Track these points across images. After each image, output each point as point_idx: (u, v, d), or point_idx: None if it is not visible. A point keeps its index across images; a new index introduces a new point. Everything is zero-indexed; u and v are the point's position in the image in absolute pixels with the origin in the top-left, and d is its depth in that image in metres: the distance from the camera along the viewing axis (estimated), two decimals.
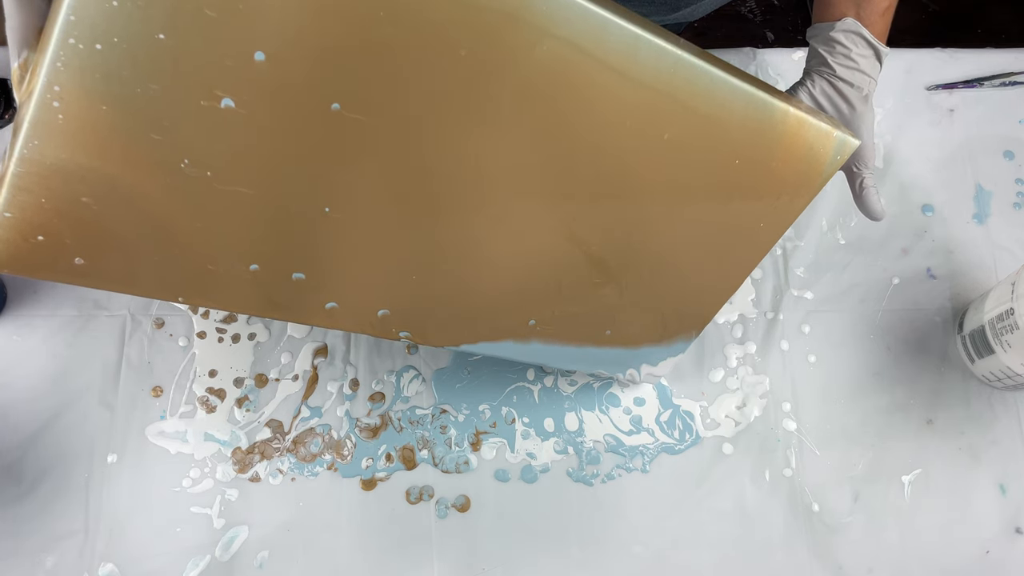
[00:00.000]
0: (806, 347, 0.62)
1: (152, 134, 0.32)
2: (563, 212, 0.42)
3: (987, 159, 0.68)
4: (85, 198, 0.33)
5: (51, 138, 0.31)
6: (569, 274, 0.46)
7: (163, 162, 0.33)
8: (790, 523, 0.58)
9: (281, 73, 0.32)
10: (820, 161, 0.45)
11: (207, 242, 0.36)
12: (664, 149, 0.41)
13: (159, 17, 0.30)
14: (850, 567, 0.57)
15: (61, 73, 0.30)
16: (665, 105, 0.39)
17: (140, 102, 0.31)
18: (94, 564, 0.54)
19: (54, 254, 0.34)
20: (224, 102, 0.32)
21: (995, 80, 0.70)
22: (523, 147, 0.39)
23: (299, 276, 0.39)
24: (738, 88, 0.40)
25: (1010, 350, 0.54)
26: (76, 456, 0.56)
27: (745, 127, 0.42)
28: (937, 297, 0.64)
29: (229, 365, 0.59)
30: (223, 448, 0.57)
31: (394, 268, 0.42)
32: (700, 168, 0.43)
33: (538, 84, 0.36)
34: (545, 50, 0.35)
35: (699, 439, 0.59)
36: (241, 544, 0.55)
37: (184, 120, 0.32)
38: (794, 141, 0.43)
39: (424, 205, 0.39)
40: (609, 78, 0.37)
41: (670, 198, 0.44)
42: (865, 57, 0.49)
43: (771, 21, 1.52)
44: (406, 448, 0.58)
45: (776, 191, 0.45)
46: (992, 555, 0.57)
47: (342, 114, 0.34)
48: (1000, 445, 0.60)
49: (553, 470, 0.58)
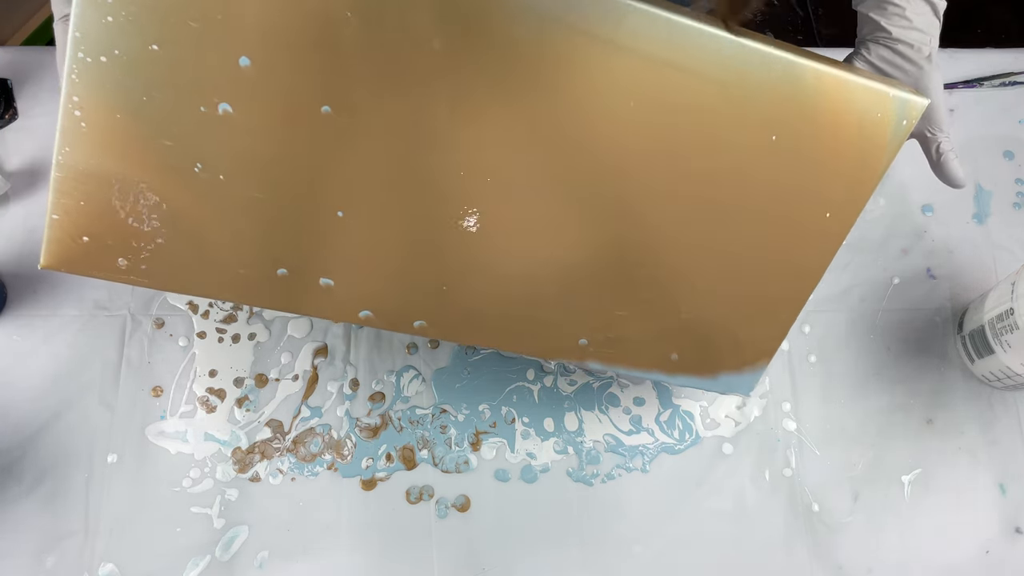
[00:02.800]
0: (806, 347, 0.62)
1: (164, 140, 0.34)
2: (585, 206, 0.39)
3: (987, 159, 0.68)
4: (116, 203, 0.35)
5: (79, 145, 0.33)
6: (611, 282, 0.42)
7: (178, 167, 0.35)
8: (790, 523, 0.58)
9: (268, 78, 0.34)
10: (882, 127, 0.39)
11: (234, 246, 0.37)
12: (682, 126, 0.37)
13: (149, 30, 0.32)
14: (850, 567, 0.57)
15: (77, 84, 0.32)
16: (673, 76, 0.36)
17: (148, 110, 0.33)
18: (94, 564, 0.54)
19: (99, 254, 0.36)
20: (222, 107, 0.34)
21: (995, 80, 0.70)
22: (523, 139, 0.37)
23: (327, 282, 0.39)
24: (753, 50, 0.36)
25: (1010, 350, 0.54)
26: (76, 456, 0.56)
27: (773, 95, 0.37)
28: (937, 297, 0.64)
29: (229, 365, 0.59)
30: (223, 448, 0.57)
31: (422, 276, 0.40)
32: (732, 149, 0.38)
33: (523, 63, 0.35)
34: (523, 29, 0.34)
35: (699, 439, 0.59)
36: (241, 544, 0.55)
37: (189, 126, 0.34)
38: (840, 107, 0.38)
39: (435, 205, 0.38)
40: (601, 52, 0.35)
41: (705, 189, 0.39)
42: (921, 14, 0.45)
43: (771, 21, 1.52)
44: (406, 448, 0.58)
45: (834, 170, 0.40)
46: (992, 555, 0.57)
47: (333, 116, 0.35)
48: (1000, 445, 0.60)
49: (553, 470, 0.58)
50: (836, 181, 0.40)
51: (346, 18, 0.33)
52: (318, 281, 0.39)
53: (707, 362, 0.47)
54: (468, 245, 0.40)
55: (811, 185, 0.40)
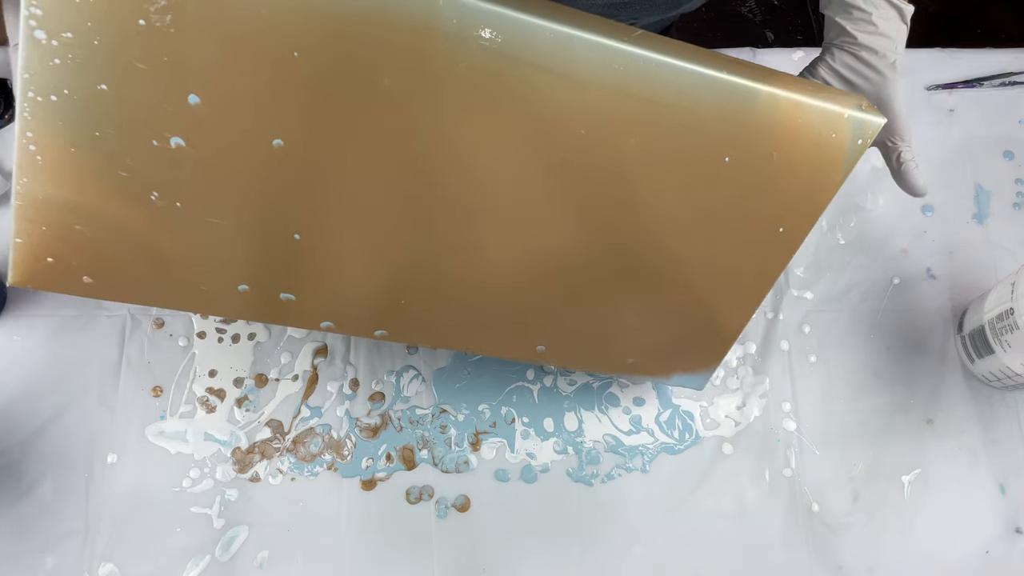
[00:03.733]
0: (806, 347, 0.62)
1: (119, 171, 0.35)
2: (540, 226, 0.41)
3: (987, 159, 0.68)
4: (78, 226, 0.36)
5: (36, 176, 0.34)
6: (567, 296, 0.44)
7: (135, 195, 0.36)
8: (790, 523, 0.58)
9: (218, 114, 0.34)
10: (837, 146, 0.39)
11: (194, 267, 0.38)
12: (639, 151, 0.38)
13: (96, 72, 0.32)
14: (850, 567, 0.57)
15: (30, 122, 0.33)
16: (625, 103, 0.36)
17: (101, 144, 0.34)
18: (94, 564, 0.54)
19: (64, 273, 0.37)
20: (174, 141, 0.34)
21: (995, 80, 0.70)
22: (476, 165, 0.38)
23: (288, 296, 0.41)
24: (705, 76, 0.36)
25: (1010, 350, 0.54)
26: (76, 456, 0.56)
27: (726, 118, 0.38)
28: (937, 297, 0.64)
29: (229, 365, 0.59)
30: (223, 448, 0.57)
31: (379, 291, 0.42)
32: (684, 171, 0.39)
33: (477, 98, 0.35)
34: (468, 65, 0.34)
35: (699, 439, 0.59)
36: (241, 544, 0.55)
37: (143, 159, 0.35)
38: (795, 128, 0.38)
39: (389, 227, 0.40)
40: (549, 82, 0.35)
41: (657, 210, 0.41)
42: (888, 20, 0.45)
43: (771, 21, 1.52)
44: (406, 448, 0.58)
45: (788, 188, 0.41)
46: (992, 555, 0.57)
47: (285, 149, 0.36)
48: (1000, 445, 0.60)
49: (553, 470, 0.58)
50: (790, 198, 0.41)
51: (292, 59, 0.33)
52: (278, 296, 0.41)
53: (661, 366, 0.50)
54: (424, 262, 0.41)
55: (764, 203, 0.41)
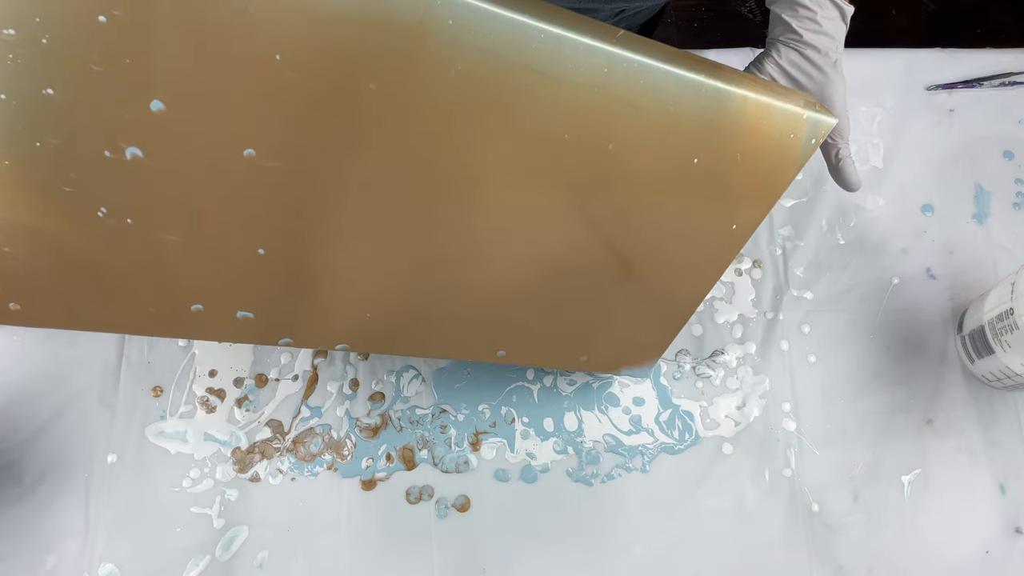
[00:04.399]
0: (806, 347, 0.62)
1: (62, 186, 0.31)
2: (517, 236, 0.40)
3: (987, 159, 0.68)
4: (7, 249, 0.32)
5: None
6: (529, 302, 0.44)
7: (80, 213, 0.32)
8: (790, 523, 0.58)
9: (184, 122, 0.31)
10: (793, 147, 0.40)
11: (143, 288, 0.35)
12: (616, 156, 0.38)
13: (42, 74, 0.28)
14: (850, 567, 0.57)
15: None
16: (608, 106, 0.36)
17: (42, 156, 0.30)
18: (94, 564, 0.54)
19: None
20: (130, 151, 0.31)
21: (995, 80, 0.70)
22: (459, 177, 0.36)
23: (245, 315, 0.38)
24: (685, 80, 0.36)
25: (1010, 350, 0.54)
26: (76, 456, 0.56)
27: (700, 121, 0.37)
28: (937, 297, 0.64)
29: (229, 365, 0.59)
30: (223, 448, 0.57)
31: (345, 306, 0.40)
32: (657, 175, 0.39)
33: (466, 106, 0.33)
34: (461, 69, 0.32)
35: (699, 439, 0.59)
36: (241, 544, 0.55)
37: (91, 171, 0.31)
38: (759, 129, 0.39)
39: (363, 241, 0.37)
40: (540, 84, 0.34)
41: (629, 209, 0.41)
42: (831, 19, 0.46)
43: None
44: (406, 448, 0.58)
45: (745, 187, 0.41)
46: (992, 555, 0.57)
47: (257, 160, 0.32)
48: (1000, 445, 0.60)
49: (553, 470, 0.58)
50: (745, 197, 0.42)
51: (275, 62, 0.30)
52: (235, 314, 0.38)
53: (611, 362, 0.51)
54: (397, 276, 0.40)
55: (723, 203, 0.42)
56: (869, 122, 0.68)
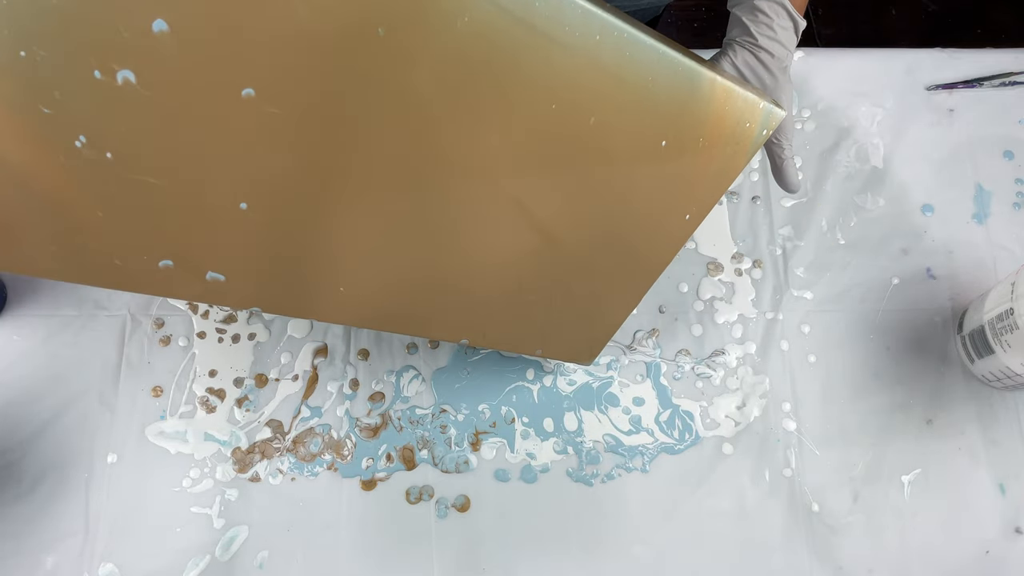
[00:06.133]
0: (806, 347, 0.62)
1: (41, 106, 0.28)
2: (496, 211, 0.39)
3: (987, 159, 0.68)
4: None
5: None
6: (489, 294, 0.44)
7: (56, 139, 0.29)
8: (790, 523, 0.58)
9: (186, 48, 0.28)
10: (746, 137, 0.41)
11: (111, 233, 0.32)
12: (594, 132, 0.38)
13: None
14: (850, 567, 0.57)
15: None
16: (596, 77, 0.36)
17: (24, 67, 0.27)
18: (94, 564, 0.54)
19: None
20: (122, 75, 0.28)
21: (995, 80, 0.70)
22: (450, 141, 0.36)
23: (216, 276, 0.36)
24: (666, 55, 0.36)
25: (1010, 350, 0.54)
26: (76, 456, 0.56)
27: (673, 99, 0.38)
28: (937, 297, 0.64)
29: (229, 365, 0.59)
30: (223, 448, 0.57)
31: (319, 276, 0.38)
32: (629, 154, 0.39)
33: (467, 64, 0.33)
34: (468, 21, 0.32)
35: (699, 439, 0.59)
36: (241, 544, 0.55)
37: (76, 93, 0.28)
38: (722, 114, 0.40)
39: (350, 201, 0.36)
40: (541, 45, 0.34)
41: (600, 190, 0.40)
42: (785, 28, 0.49)
43: None
44: (406, 448, 0.58)
45: (701, 175, 0.41)
46: (992, 555, 0.57)
47: (255, 102, 0.31)
48: (1000, 445, 0.60)
49: (553, 470, 0.58)
50: (699, 185, 0.42)
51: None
52: (204, 275, 0.36)
53: (559, 351, 0.51)
54: (373, 247, 0.39)
55: (681, 189, 0.42)
56: (869, 122, 0.68)
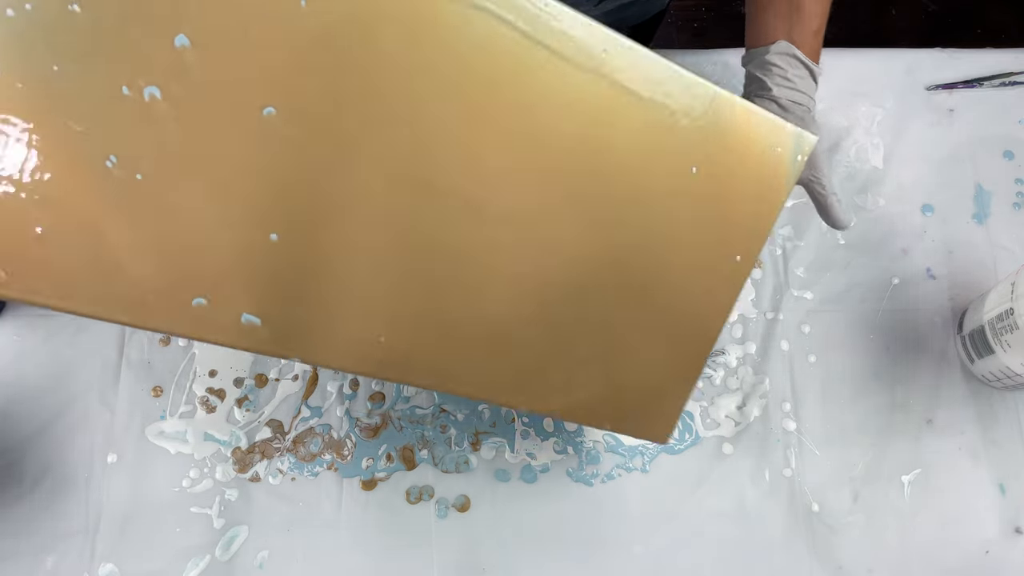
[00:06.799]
0: (806, 347, 0.62)
1: (72, 122, 0.29)
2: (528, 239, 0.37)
3: (987, 159, 0.68)
4: (6, 188, 0.29)
5: None
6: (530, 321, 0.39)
7: (87, 157, 0.29)
8: (790, 523, 0.58)
9: (207, 62, 0.29)
10: (780, 162, 0.39)
11: (142, 263, 0.31)
12: (617, 155, 0.37)
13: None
14: (850, 567, 0.57)
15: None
16: (607, 93, 0.35)
17: (58, 82, 0.28)
18: (94, 564, 0.54)
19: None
20: (148, 91, 0.29)
21: (995, 80, 0.70)
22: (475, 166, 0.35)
23: (251, 319, 0.33)
24: (676, 71, 0.36)
25: (1010, 350, 0.54)
26: (76, 456, 0.56)
27: (694, 120, 0.37)
28: (937, 297, 0.64)
29: (229, 365, 0.59)
30: (223, 448, 0.57)
31: (362, 323, 0.36)
32: (657, 182, 0.38)
33: (474, 80, 0.33)
34: (475, 28, 0.32)
35: (699, 439, 0.59)
36: (241, 544, 0.55)
37: (106, 109, 0.29)
38: (748, 139, 0.38)
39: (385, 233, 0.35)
40: (546, 60, 0.34)
41: (631, 222, 0.38)
42: (801, 78, 0.50)
43: None
44: (406, 448, 0.58)
45: (742, 208, 0.39)
46: (992, 555, 0.57)
47: (276, 122, 0.31)
48: (1000, 445, 0.60)
49: (553, 470, 0.58)
50: (741, 223, 0.40)
51: (300, 8, 0.30)
52: (240, 318, 0.33)
53: (633, 427, 0.45)
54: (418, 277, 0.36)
55: (721, 226, 0.39)
56: (869, 122, 0.68)
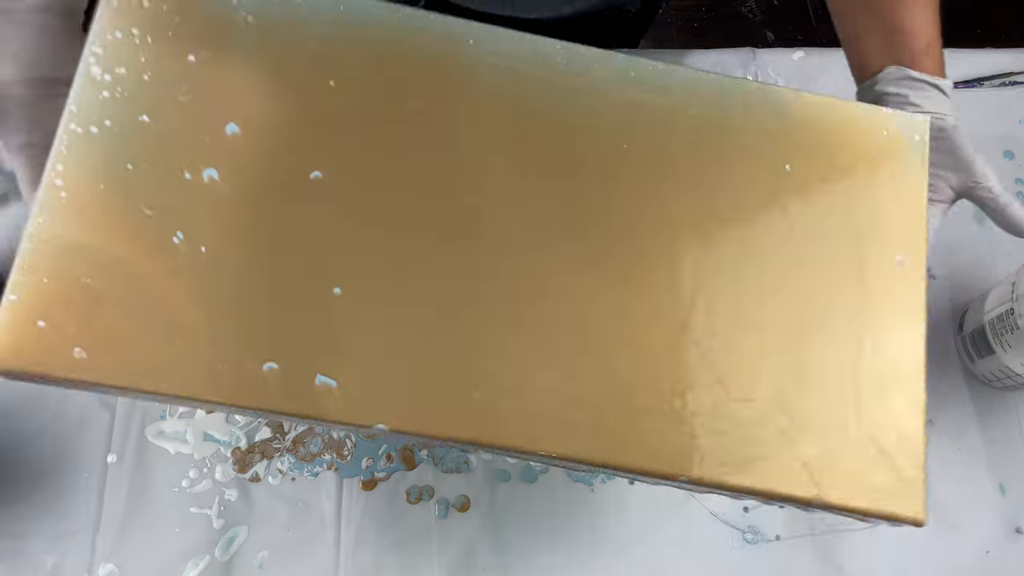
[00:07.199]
0: None
1: (144, 209, 0.33)
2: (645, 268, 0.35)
3: (987, 159, 0.68)
4: (87, 278, 0.32)
5: (54, 215, 0.32)
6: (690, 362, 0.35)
7: (158, 238, 0.33)
8: (790, 523, 0.58)
9: (255, 143, 0.34)
10: (896, 147, 0.38)
11: (213, 332, 0.33)
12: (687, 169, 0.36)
13: (141, 104, 0.34)
14: (850, 567, 0.57)
15: (63, 155, 0.33)
16: (645, 106, 0.36)
17: (132, 178, 0.33)
18: (94, 564, 0.54)
19: (54, 345, 0.32)
20: (207, 174, 0.34)
21: (995, 80, 0.70)
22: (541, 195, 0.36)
23: (326, 381, 0.33)
24: (720, 79, 0.37)
25: (1010, 350, 0.54)
26: (76, 456, 0.56)
27: (764, 122, 0.37)
28: (937, 297, 0.64)
29: None
30: (223, 448, 0.57)
31: (449, 372, 0.34)
32: (762, 186, 0.37)
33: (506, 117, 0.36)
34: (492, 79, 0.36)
35: None
36: (241, 544, 0.55)
37: (173, 193, 0.34)
38: (840, 130, 0.38)
39: (453, 275, 0.34)
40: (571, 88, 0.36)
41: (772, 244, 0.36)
42: (928, 98, 0.45)
43: (771, 21, 1.52)
44: (406, 448, 0.58)
45: (875, 201, 0.37)
46: (992, 555, 0.57)
47: (324, 181, 0.34)
48: (1000, 445, 0.60)
49: (552, 470, 0.58)
50: (884, 218, 0.37)
51: (329, 87, 0.35)
52: (313, 380, 0.33)
53: (867, 497, 0.36)
54: (510, 326, 0.34)
55: (863, 227, 0.37)
56: None
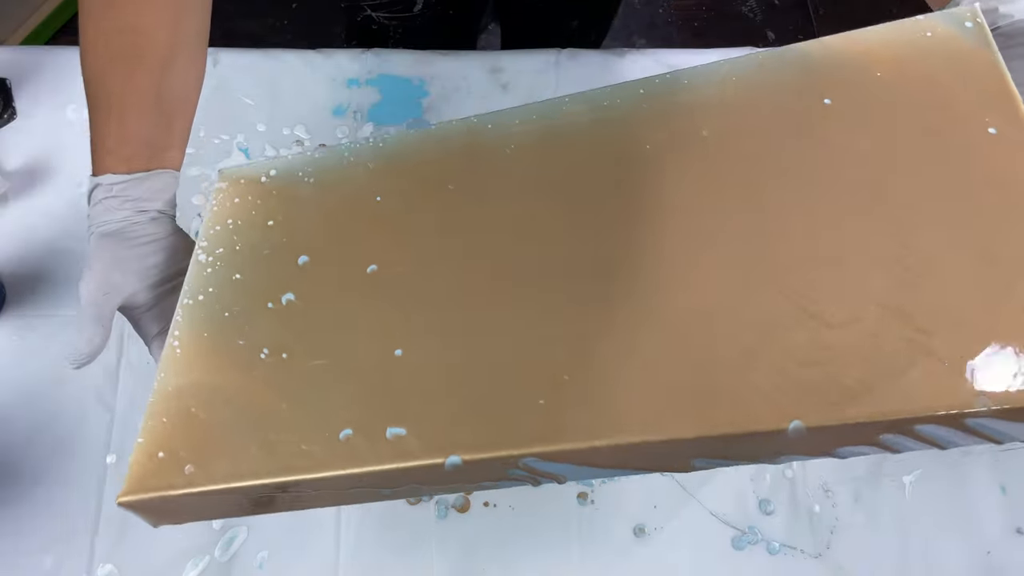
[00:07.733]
0: None
1: (238, 340, 0.40)
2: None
3: None
4: (194, 409, 0.38)
5: (172, 368, 0.39)
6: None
7: (248, 359, 0.39)
8: (790, 523, 0.58)
9: (322, 263, 0.41)
10: (949, 43, 0.36)
11: (296, 419, 0.38)
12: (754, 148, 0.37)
13: (234, 267, 0.42)
14: (850, 567, 0.57)
15: (179, 323, 0.41)
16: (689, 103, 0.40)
17: (229, 323, 0.40)
18: (94, 564, 0.54)
19: (171, 467, 0.37)
20: (285, 298, 0.40)
21: None
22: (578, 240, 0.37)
23: (397, 431, 0.35)
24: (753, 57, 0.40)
25: None
26: (76, 456, 0.56)
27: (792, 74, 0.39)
28: None
29: None
30: None
31: (508, 396, 0.35)
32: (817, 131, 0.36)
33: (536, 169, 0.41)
34: (516, 144, 0.42)
35: None
36: (241, 544, 0.55)
37: (259, 323, 0.40)
38: (878, 50, 0.38)
39: (485, 332, 0.37)
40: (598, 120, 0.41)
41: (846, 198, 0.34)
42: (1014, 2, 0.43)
43: (771, 21, 1.52)
44: None
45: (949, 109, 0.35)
46: (993, 555, 0.57)
47: (380, 272, 0.40)
48: (1001, 445, 0.60)
49: None
50: (959, 103, 0.35)
51: (376, 202, 0.42)
52: (385, 433, 0.35)
53: None
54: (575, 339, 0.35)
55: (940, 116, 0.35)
56: None
